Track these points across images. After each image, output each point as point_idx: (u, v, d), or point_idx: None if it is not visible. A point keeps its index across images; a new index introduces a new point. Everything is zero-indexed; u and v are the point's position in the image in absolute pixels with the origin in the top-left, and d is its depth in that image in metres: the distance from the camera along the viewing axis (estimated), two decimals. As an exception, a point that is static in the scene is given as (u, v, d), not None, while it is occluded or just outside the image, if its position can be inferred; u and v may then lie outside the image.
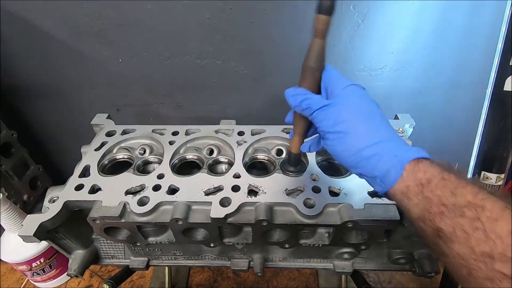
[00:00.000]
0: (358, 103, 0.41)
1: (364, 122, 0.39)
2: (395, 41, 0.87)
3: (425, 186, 0.34)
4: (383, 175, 0.37)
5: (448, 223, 0.31)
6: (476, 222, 0.29)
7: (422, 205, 0.34)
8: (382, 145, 0.37)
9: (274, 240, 0.60)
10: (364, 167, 0.38)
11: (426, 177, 0.34)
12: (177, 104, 1.03)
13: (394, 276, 0.85)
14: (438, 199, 0.32)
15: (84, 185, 0.59)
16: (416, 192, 0.34)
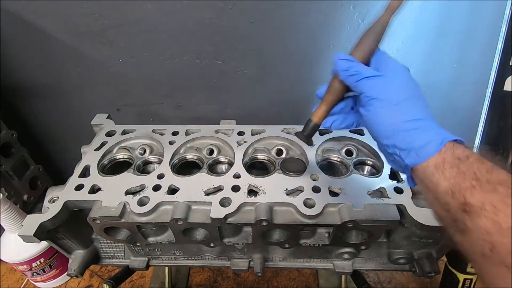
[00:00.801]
0: (407, 81, 0.43)
1: (411, 98, 0.41)
2: (395, 41, 0.87)
3: (463, 161, 0.35)
4: (421, 147, 0.38)
5: (479, 197, 0.32)
6: (508, 198, 0.30)
7: (454, 178, 0.35)
8: (425, 122, 0.39)
9: (274, 240, 0.60)
10: (403, 138, 0.39)
11: (465, 153, 0.35)
12: (177, 104, 1.03)
13: (394, 276, 0.85)
14: (472, 174, 0.33)
15: (84, 185, 0.59)
16: (452, 164, 0.35)
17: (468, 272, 0.66)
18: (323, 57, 0.90)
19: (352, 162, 0.64)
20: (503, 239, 0.29)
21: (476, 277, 0.68)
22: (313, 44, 0.86)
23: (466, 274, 0.67)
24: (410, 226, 0.54)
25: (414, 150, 0.38)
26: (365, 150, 0.68)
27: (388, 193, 0.56)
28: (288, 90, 0.99)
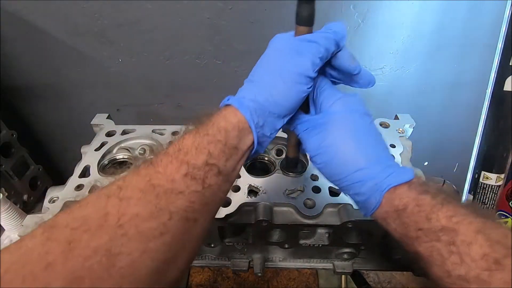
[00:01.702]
0: (346, 121, 0.39)
1: (349, 146, 0.37)
2: (395, 41, 0.87)
3: (402, 212, 0.34)
4: (365, 202, 0.37)
5: (425, 247, 0.32)
6: (451, 246, 0.30)
7: (400, 230, 0.35)
8: (364, 172, 0.37)
9: (274, 240, 0.60)
10: (348, 191, 0.39)
11: (402, 203, 0.34)
12: (177, 104, 1.03)
13: (394, 276, 0.85)
14: (414, 225, 0.33)
15: (84, 185, 0.59)
16: (394, 218, 0.35)
17: (468, 272, 0.66)
18: (323, 57, 0.89)
19: (352, 162, 0.64)
20: (454, 287, 0.29)
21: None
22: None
23: None
24: (410, 226, 0.54)
25: (360, 203, 0.38)
26: (365, 150, 0.67)
27: (388, 193, 0.56)
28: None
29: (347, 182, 0.38)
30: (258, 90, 0.39)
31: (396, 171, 0.37)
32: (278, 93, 0.38)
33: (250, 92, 0.39)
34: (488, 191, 0.64)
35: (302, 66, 0.37)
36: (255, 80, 0.40)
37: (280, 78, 0.38)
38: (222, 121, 0.37)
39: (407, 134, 0.70)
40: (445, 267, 0.30)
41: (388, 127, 0.71)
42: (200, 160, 0.32)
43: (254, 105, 0.38)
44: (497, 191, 0.64)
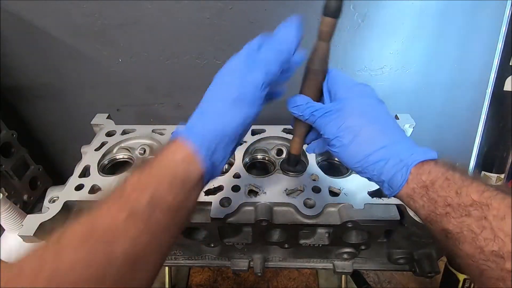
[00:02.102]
0: (362, 106, 0.40)
1: (368, 126, 0.38)
2: (395, 41, 0.87)
3: (430, 187, 0.34)
4: (390, 180, 0.37)
5: (455, 223, 0.31)
6: (483, 221, 0.29)
7: (427, 207, 0.34)
8: (388, 149, 0.37)
9: (274, 240, 0.60)
10: (371, 172, 0.38)
11: (430, 178, 0.34)
12: (177, 104, 1.03)
13: (394, 276, 0.85)
14: (443, 200, 0.32)
15: (84, 185, 0.59)
16: (421, 194, 0.34)
17: (468, 272, 0.66)
18: (323, 57, 0.89)
19: (352, 162, 0.64)
20: (488, 263, 0.28)
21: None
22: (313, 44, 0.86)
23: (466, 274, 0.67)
24: (410, 226, 0.54)
25: (386, 182, 0.37)
26: (365, 150, 0.67)
27: (388, 193, 0.56)
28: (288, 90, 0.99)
29: (370, 162, 0.37)
30: (207, 118, 0.39)
31: (420, 149, 0.37)
32: (226, 120, 0.38)
33: (200, 120, 0.40)
34: (488, 191, 0.64)
35: (247, 92, 0.39)
36: (204, 107, 0.41)
37: (227, 105, 0.39)
38: (168, 156, 0.36)
39: (407, 134, 0.70)
40: (476, 243, 0.29)
41: (388, 127, 0.71)
42: (143, 200, 0.32)
43: (204, 132, 0.38)
44: (497, 191, 0.64)
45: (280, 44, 0.42)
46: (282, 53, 0.41)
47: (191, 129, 0.38)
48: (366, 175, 0.39)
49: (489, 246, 0.28)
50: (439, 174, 0.34)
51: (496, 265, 0.27)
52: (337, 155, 0.41)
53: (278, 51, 0.41)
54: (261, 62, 0.40)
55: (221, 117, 0.39)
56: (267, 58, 0.40)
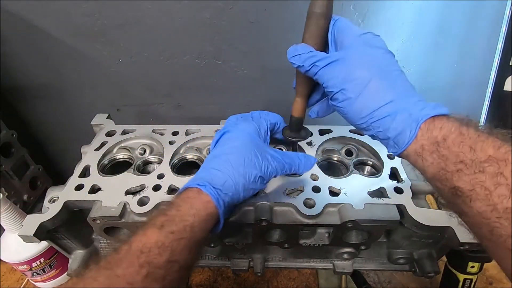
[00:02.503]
0: (370, 56, 0.36)
1: (376, 79, 0.35)
2: (395, 41, 0.87)
3: (441, 143, 0.31)
4: (397, 136, 0.34)
5: (467, 180, 0.29)
6: (498, 177, 0.27)
7: (437, 164, 0.32)
8: (395, 104, 0.34)
9: (274, 240, 0.60)
10: (377, 128, 0.36)
11: (442, 134, 0.32)
12: (177, 104, 1.03)
13: (394, 276, 0.85)
14: (455, 156, 0.30)
15: (84, 185, 0.59)
16: (431, 151, 0.32)
17: (468, 272, 0.66)
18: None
19: (352, 162, 0.64)
20: (501, 221, 0.27)
21: (476, 277, 0.68)
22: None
23: (466, 274, 0.67)
24: (410, 226, 0.54)
25: (392, 139, 0.35)
26: (365, 150, 0.68)
27: (388, 193, 0.56)
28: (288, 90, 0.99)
29: (376, 117, 0.35)
30: (233, 184, 0.43)
31: (431, 104, 0.35)
32: (245, 192, 0.45)
33: (227, 185, 0.43)
34: (488, 191, 0.63)
35: (263, 174, 0.46)
36: (230, 171, 0.44)
37: (251, 182, 0.45)
38: (190, 218, 0.38)
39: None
40: (490, 200, 0.27)
41: (388, 127, 0.71)
42: (162, 259, 0.33)
43: (228, 199, 0.42)
44: (497, 191, 0.64)
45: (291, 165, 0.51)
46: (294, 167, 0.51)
47: (220, 194, 0.42)
48: (371, 132, 0.37)
49: (504, 203, 0.26)
50: (452, 129, 0.32)
51: (509, 222, 0.26)
52: (341, 110, 0.38)
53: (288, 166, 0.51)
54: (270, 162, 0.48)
55: (239, 189, 0.44)
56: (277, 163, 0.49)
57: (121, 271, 0.31)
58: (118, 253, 0.34)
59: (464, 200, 0.30)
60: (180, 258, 0.35)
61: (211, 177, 0.43)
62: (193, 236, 0.37)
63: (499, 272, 0.85)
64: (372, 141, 0.67)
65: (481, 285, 0.83)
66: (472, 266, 0.65)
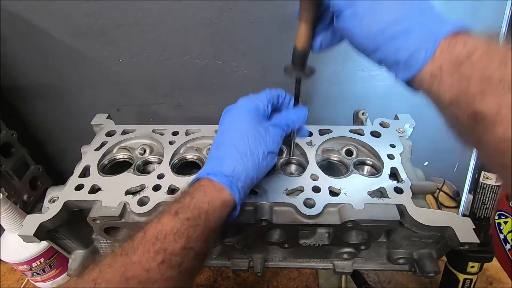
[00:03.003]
0: None
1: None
2: (395, 41, 0.87)
3: (465, 62, 0.27)
4: (410, 57, 0.30)
5: (491, 102, 0.25)
6: None
7: (457, 86, 0.28)
8: (410, 18, 0.30)
9: (274, 240, 0.60)
10: (387, 49, 0.31)
11: (467, 49, 0.27)
12: (177, 104, 1.03)
13: (394, 276, 0.85)
14: (480, 75, 0.26)
15: (84, 185, 0.59)
16: (450, 71, 0.28)
17: (468, 272, 0.66)
18: (323, 57, 0.90)
19: (352, 162, 0.64)
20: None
21: (476, 277, 0.68)
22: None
23: (466, 274, 0.67)
24: (410, 226, 0.54)
25: (402, 62, 0.31)
26: (365, 150, 0.68)
27: (388, 193, 0.56)
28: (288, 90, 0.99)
29: (387, 34, 0.31)
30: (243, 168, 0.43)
31: (451, 19, 0.30)
32: (258, 173, 0.45)
33: (238, 170, 0.43)
34: (488, 191, 0.64)
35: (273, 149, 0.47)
36: (240, 156, 0.44)
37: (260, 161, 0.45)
38: (205, 205, 0.38)
39: (407, 134, 0.70)
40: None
41: (388, 127, 0.71)
42: (178, 245, 0.33)
43: (243, 184, 0.42)
44: (497, 191, 0.64)
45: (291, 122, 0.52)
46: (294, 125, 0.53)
47: (232, 181, 0.41)
48: (379, 54, 0.33)
49: None
50: (478, 44, 0.27)
51: None
52: (348, 32, 0.34)
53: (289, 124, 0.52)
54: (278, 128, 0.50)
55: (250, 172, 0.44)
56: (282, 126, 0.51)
57: (136, 258, 0.31)
58: (133, 240, 0.34)
59: (486, 125, 0.26)
60: (196, 245, 0.35)
61: (221, 166, 0.43)
62: (208, 223, 0.37)
63: (499, 272, 0.85)
64: (372, 141, 0.67)
65: (481, 285, 0.83)
66: (472, 266, 0.65)
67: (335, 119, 1.05)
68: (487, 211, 0.63)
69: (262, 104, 0.51)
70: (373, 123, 0.72)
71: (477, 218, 0.64)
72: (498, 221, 1.00)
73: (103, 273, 0.31)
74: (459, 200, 1.05)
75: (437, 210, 0.53)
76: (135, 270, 0.31)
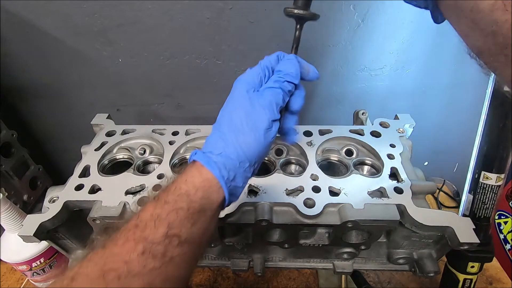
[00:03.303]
0: None
1: None
2: (395, 41, 0.87)
3: None
4: None
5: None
6: None
7: None
8: None
9: (274, 240, 0.60)
10: None
11: None
12: (177, 104, 1.03)
13: (394, 276, 0.85)
14: None
15: (84, 185, 0.59)
16: None
17: (468, 272, 0.66)
18: (323, 57, 0.90)
19: (352, 162, 0.64)
20: None
21: (476, 277, 0.68)
22: (313, 44, 0.86)
23: (466, 274, 0.67)
24: (410, 226, 0.54)
25: None
26: (365, 150, 0.68)
27: (388, 193, 0.56)
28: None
29: None
30: (225, 143, 0.38)
31: None
32: (248, 144, 0.37)
33: (217, 146, 0.38)
34: (488, 191, 0.64)
35: (267, 115, 0.39)
36: (222, 131, 0.39)
37: (248, 130, 0.38)
38: (183, 185, 0.35)
39: (407, 134, 0.70)
40: None
41: (388, 127, 0.71)
42: (159, 233, 0.30)
43: (223, 159, 0.37)
44: (497, 191, 0.64)
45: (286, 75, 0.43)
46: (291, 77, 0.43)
47: (209, 156, 0.37)
48: None
49: None
50: None
51: None
52: None
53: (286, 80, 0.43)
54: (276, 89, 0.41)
55: (242, 144, 0.38)
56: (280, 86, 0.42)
57: (117, 249, 0.29)
58: (116, 230, 0.32)
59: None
60: (180, 231, 0.32)
61: (204, 147, 0.39)
62: (192, 205, 0.33)
63: (499, 272, 0.85)
64: (372, 141, 0.67)
65: (481, 285, 0.83)
66: (472, 266, 0.65)
67: (335, 119, 1.05)
68: (487, 211, 0.63)
69: (256, 75, 0.46)
70: (373, 123, 0.72)
71: (477, 218, 0.64)
72: (498, 221, 1.00)
73: (82, 268, 0.29)
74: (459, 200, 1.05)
75: (437, 210, 0.53)
76: (114, 263, 0.28)
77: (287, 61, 0.45)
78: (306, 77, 0.46)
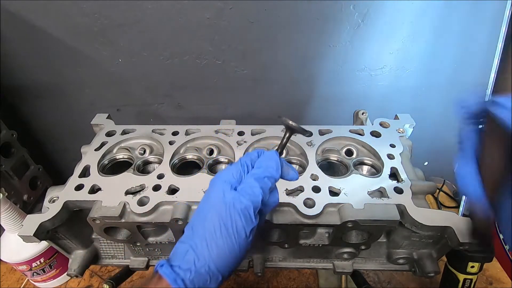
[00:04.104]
0: None
1: None
2: (395, 41, 0.87)
3: None
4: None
5: None
6: None
7: None
8: None
9: (274, 240, 0.60)
10: None
11: None
12: (177, 104, 1.03)
13: (394, 276, 0.85)
14: None
15: (84, 185, 0.59)
16: None
17: (468, 272, 0.66)
18: (323, 57, 0.90)
19: (352, 162, 0.64)
20: None
21: (476, 277, 0.68)
22: (313, 44, 0.86)
23: (466, 274, 0.67)
24: (410, 226, 0.54)
25: None
26: (365, 150, 0.67)
27: (388, 193, 0.56)
28: (288, 90, 0.99)
29: None
30: (196, 255, 0.36)
31: None
32: (221, 257, 0.36)
33: (187, 259, 0.36)
34: (488, 191, 0.63)
35: (243, 224, 0.37)
36: (193, 240, 0.37)
37: (222, 242, 0.36)
38: None
39: (407, 134, 0.70)
40: None
41: (388, 127, 0.71)
42: None
43: (192, 276, 0.35)
44: (497, 191, 0.64)
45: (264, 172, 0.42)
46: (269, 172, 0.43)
47: (178, 272, 0.35)
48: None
49: None
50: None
51: None
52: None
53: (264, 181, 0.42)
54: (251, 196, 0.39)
55: (213, 256, 0.36)
56: (255, 191, 0.40)
57: None
58: None
59: None
60: None
61: (173, 254, 0.37)
62: None
63: (499, 272, 0.85)
64: (372, 141, 0.67)
65: (481, 285, 0.83)
66: (472, 266, 0.65)
67: (335, 119, 1.05)
68: (487, 211, 0.63)
69: (236, 171, 0.43)
70: (373, 123, 0.72)
71: (477, 218, 0.63)
72: (498, 221, 1.00)
73: None
74: (459, 200, 1.05)
75: (437, 210, 0.53)
76: None
77: (268, 157, 0.45)
78: (286, 176, 0.46)
